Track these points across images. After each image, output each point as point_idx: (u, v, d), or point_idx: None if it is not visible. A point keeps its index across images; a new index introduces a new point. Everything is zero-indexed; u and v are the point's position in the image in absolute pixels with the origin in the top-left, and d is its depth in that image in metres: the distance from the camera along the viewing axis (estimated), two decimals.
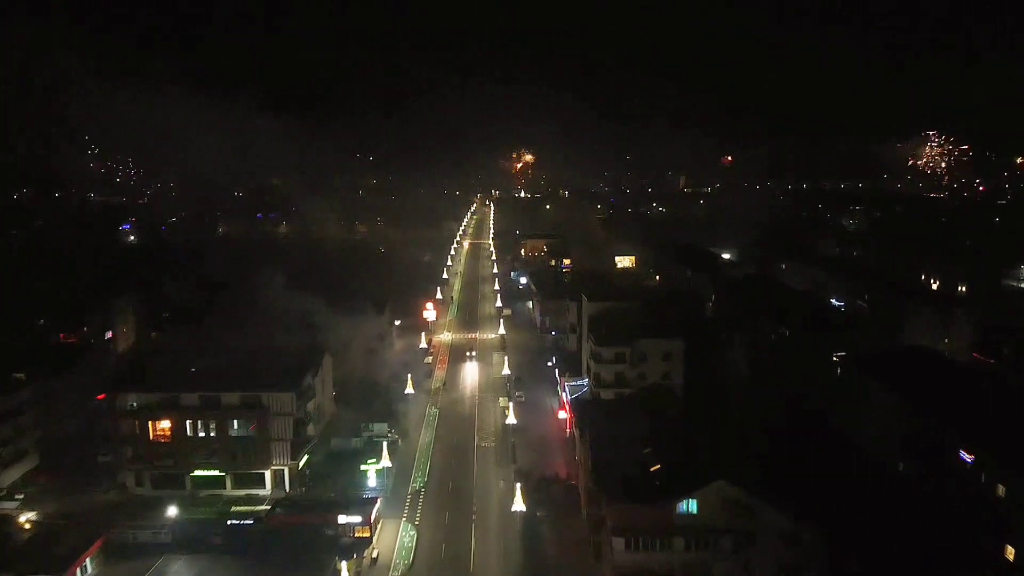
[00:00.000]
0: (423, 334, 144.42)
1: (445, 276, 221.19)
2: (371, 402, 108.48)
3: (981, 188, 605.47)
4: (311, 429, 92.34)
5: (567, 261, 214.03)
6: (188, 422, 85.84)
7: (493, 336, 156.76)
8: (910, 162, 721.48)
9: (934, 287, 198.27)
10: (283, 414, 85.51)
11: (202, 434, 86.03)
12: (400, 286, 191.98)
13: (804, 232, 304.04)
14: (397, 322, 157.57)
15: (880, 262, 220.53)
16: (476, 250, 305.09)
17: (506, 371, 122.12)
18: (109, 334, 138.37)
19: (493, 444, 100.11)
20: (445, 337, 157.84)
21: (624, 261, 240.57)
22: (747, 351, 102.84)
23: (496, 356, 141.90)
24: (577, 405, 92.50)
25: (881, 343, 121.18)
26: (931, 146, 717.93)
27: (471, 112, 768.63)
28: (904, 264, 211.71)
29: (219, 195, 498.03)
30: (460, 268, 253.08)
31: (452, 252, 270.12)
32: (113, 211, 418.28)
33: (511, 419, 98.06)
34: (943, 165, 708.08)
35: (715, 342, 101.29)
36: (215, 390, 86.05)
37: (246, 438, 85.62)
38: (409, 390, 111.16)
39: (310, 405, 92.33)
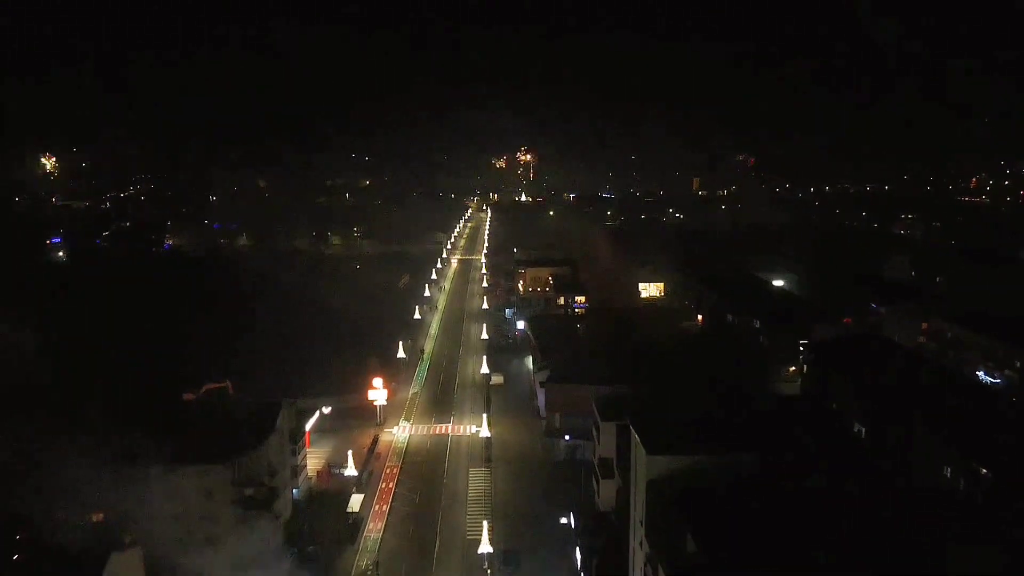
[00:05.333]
0: (350, 453, 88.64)
1: (418, 315, 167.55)
2: None
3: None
4: None
5: (581, 299, 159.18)
6: None
7: (475, 430, 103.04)
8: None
9: None
10: None
11: None
12: (352, 334, 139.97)
13: (860, 248, 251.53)
14: (326, 409, 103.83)
15: (973, 294, 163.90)
16: (465, 270, 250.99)
17: (486, 546, 68.22)
18: None
19: None
20: (399, 434, 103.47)
21: (650, 288, 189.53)
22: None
23: (472, 480, 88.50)
24: None
25: None
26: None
27: (469, 112, 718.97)
28: (1011, 297, 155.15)
29: (189, 200, 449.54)
30: (441, 300, 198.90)
31: (434, 276, 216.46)
32: (49, 219, 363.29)
33: None
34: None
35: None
36: None
37: None
38: None
39: None
